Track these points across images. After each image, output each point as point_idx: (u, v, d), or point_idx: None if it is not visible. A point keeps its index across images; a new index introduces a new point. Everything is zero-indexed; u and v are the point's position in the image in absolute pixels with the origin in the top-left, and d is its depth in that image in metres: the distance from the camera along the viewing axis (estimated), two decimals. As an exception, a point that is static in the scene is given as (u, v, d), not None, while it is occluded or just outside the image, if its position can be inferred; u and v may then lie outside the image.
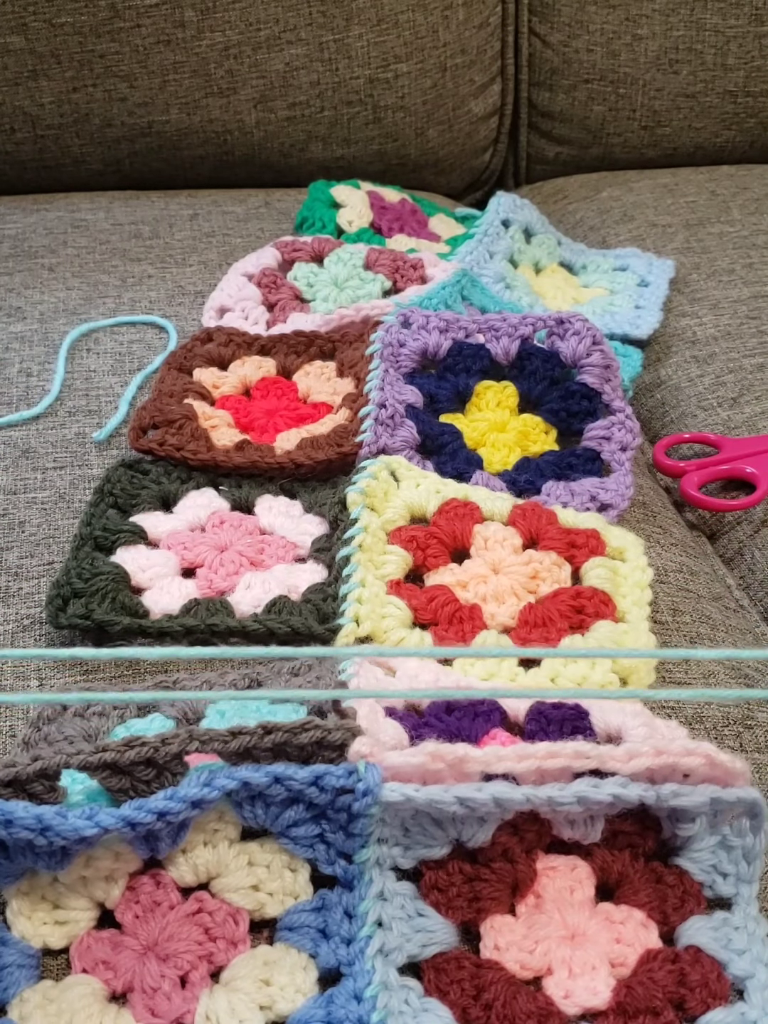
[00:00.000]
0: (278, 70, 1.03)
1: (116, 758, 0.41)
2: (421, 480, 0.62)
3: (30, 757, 0.41)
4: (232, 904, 0.42)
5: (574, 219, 1.09)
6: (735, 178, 1.12)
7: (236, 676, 0.51)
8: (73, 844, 0.39)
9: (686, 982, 0.41)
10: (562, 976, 0.41)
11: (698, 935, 0.43)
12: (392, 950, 0.41)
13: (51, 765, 0.41)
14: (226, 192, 1.04)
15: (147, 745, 0.41)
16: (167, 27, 0.99)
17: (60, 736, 0.48)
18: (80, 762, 0.41)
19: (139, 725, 0.48)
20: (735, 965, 0.42)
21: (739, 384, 0.83)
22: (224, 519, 0.61)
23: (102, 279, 0.87)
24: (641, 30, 1.11)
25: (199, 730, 0.42)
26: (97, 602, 0.55)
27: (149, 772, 0.42)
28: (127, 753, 0.41)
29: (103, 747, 0.41)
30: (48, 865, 0.40)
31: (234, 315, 0.80)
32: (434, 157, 1.14)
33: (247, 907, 0.42)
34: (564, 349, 0.68)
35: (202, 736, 0.42)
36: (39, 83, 1.00)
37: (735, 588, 0.72)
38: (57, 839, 0.39)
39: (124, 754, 0.41)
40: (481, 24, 1.09)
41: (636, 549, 0.60)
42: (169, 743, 0.42)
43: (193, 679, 0.51)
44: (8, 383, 0.75)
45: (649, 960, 0.42)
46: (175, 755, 0.42)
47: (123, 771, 0.42)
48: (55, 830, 0.39)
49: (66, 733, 0.48)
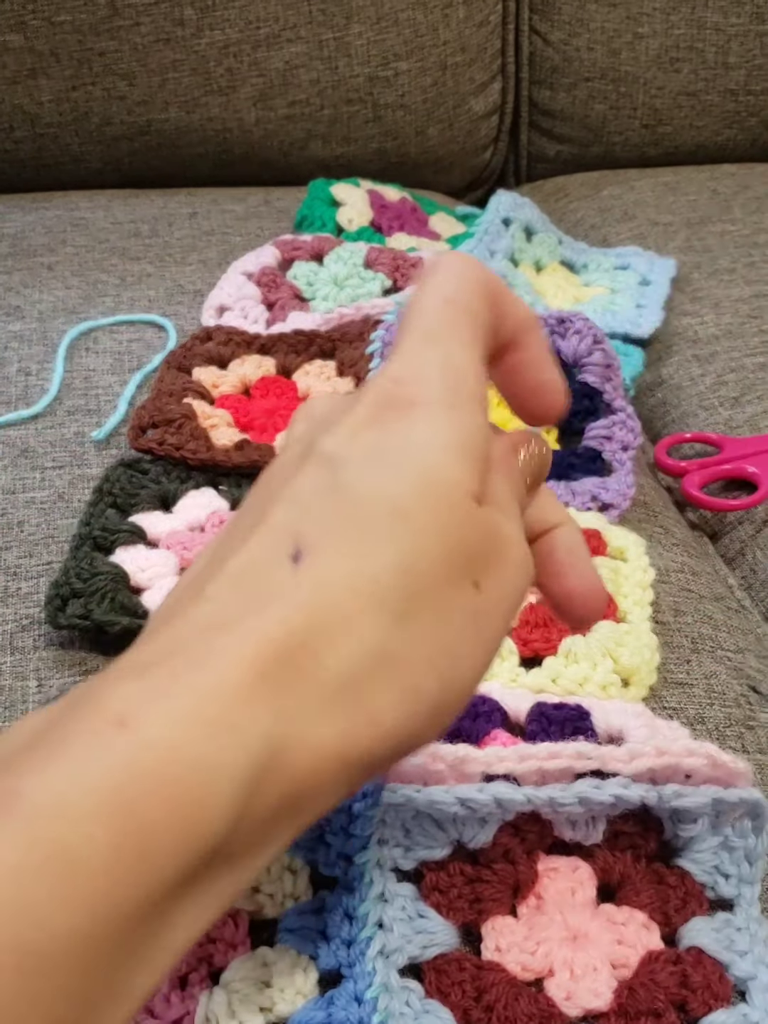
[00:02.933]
0: (278, 68, 1.03)
1: None
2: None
3: None
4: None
5: (575, 218, 1.09)
6: (737, 177, 1.12)
7: None
8: None
9: (688, 983, 0.41)
10: (564, 977, 0.41)
11: (700, 936, 0.43)
12: (393, 951, 0.41)
13: None
14: (225, 190, 1.04)
15: None
16: (166, 25, 0.99)
17: None
18: None
19: None
20: (737, 967, 0.42)
21: (741, 383, 0.83)
22: (224, 519, 0.61)
23: (101, 278, 0.87)
24: (642, 28, 1.11)
25: None
26: (96, 602, 0.55)
27: None
28: None
29: None
30: None
31: (233, 314, 0.79)
32: (434, 155, 1.14)
33: (247, 909, 0.42)
34: (565, 348, 0.68)
35: None
36: (38, 81, 1.00)
37: (737, 588, 0.72)
38: None
39: None
40: (481, 22, 1.09)
41: (638, 549, 0.59)
42: None
43: None
44: (7, 382, 0.75)
45: (651, 961, 0.42)
46: None
47: None
48: None
49: None
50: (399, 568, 0.28)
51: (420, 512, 0.29)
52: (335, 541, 0.29)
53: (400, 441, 0.30)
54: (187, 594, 0.30)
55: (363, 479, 0.29)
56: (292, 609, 0.27)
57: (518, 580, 0.31)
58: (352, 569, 0.28)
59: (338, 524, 0.29)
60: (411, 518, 0.29)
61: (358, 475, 0.30)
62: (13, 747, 0.26)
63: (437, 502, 0.29)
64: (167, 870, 0.24)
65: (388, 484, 0.29)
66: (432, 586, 0.29)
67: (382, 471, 0.29)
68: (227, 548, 0.31)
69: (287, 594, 0.28)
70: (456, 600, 0.29)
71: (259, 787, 0.26)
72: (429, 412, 0.30)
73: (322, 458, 0.30)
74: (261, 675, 0.26)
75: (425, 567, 0.29)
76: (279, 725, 0.26)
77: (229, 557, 0.30)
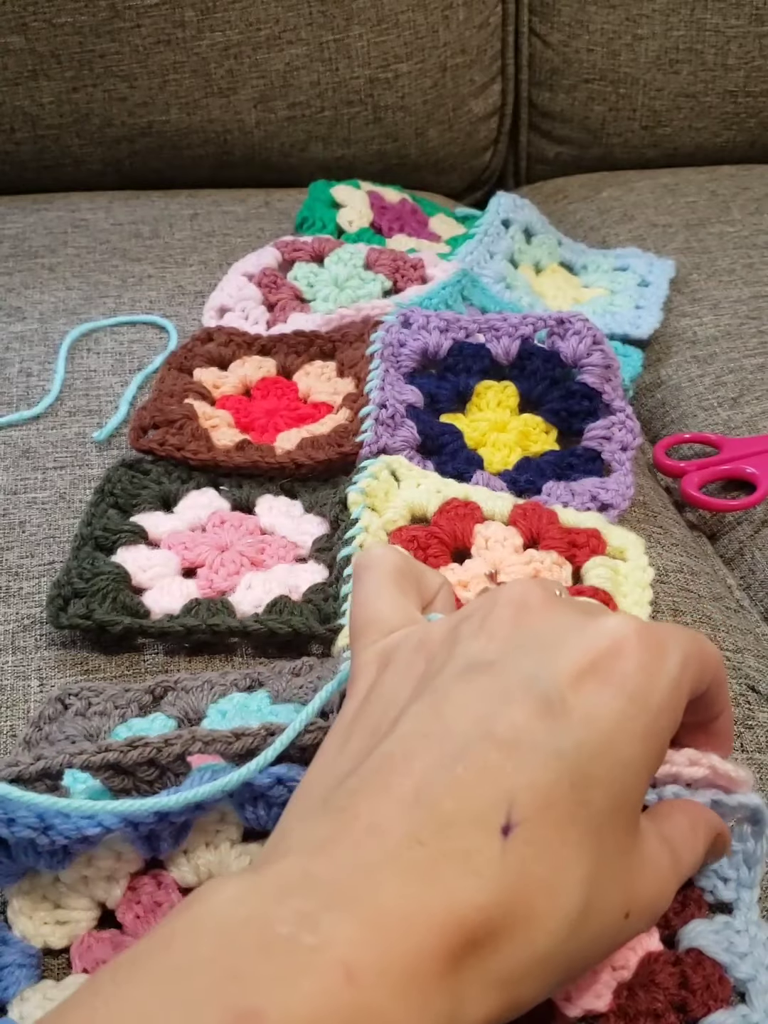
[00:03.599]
0: (278, 70, 1.03)
1: (119, 758, 0.41)
2: (422, 480, 0.62)
3: (32, 756, 0.41)
4: None
5: (574, 219, 1.09)
6: (736, 178, 1.12)
7: (237, 676, 0.51)
8: (75, 843, 0.39)
9: (688, 984, 0.41)
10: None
11: (699, 938, 0.43)
12: None
13: (54, 765, 0.41)
14: (226, 192, 1.04)
15: (150, 746, 0.41)
16: (167, 27, 0.99)
17: (62, 735, 0.48)
18: (83, 762, 0.41)
19: (140, 725, 0.48)
20: (737, 968, 0.42)
21: (740, 384, 0.83)
22: (225, 519, 0.61)
23: (102, 279, 0.87)
24: (641, 30, 1.11)
25: (202, 731, 0.42)
26: (98, 602, 0.55)
27: (152, 772, 0.42)
28: (130, 753, 0.41)
29: (106, 747, 0.41)
30: (50, 864, 0.40)
31: (234, 315, 0.80)
32: (434, 157, 1.14)
33: None
34: (565, 349, 0.68)
35: (205, 737, 0.42)
36: (39, 83, 1.00)
37: (736, 588, 0.72)
38: (59, 838, 0.39)
39: (127, 754, 0.41)
40: (481, 24, 1.09)
41: (637, 549, 0.60)
42: (172, 744, 0.41)
43: (194, 679, 0.51)
44: (8, 383, 0.75)
45: (650, 963, 0.42)
46: (178, 756, 0.42)
47: (126, 771, 0.41)
48: (57, 829, 0.39)
49: (67, 732, 0.48)
50: (587, 880, 0.30)
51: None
52: (546, 829, 0.30)
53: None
54: (385, 805, 0.30)
55: (574, 751, 0.31)
56: (491, 892, 0.28)
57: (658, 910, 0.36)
58: (553, 867, 0.29)
59: (545, 799, 0.30)
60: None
61: (569, 740, 0.31)
62: (237, 944, 0.27)
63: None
64: None
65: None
66: (603, 913, 0.31)
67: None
68: (433, 759, 0.31)
69: (491, 872, 0.29)
70: (608, 923, 0.32)
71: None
72: None
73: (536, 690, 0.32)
74: (452, 954, 0.28)
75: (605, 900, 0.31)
76: (452, 1002, 0.28)
77: (443, 796, 0.30)
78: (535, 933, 0.29)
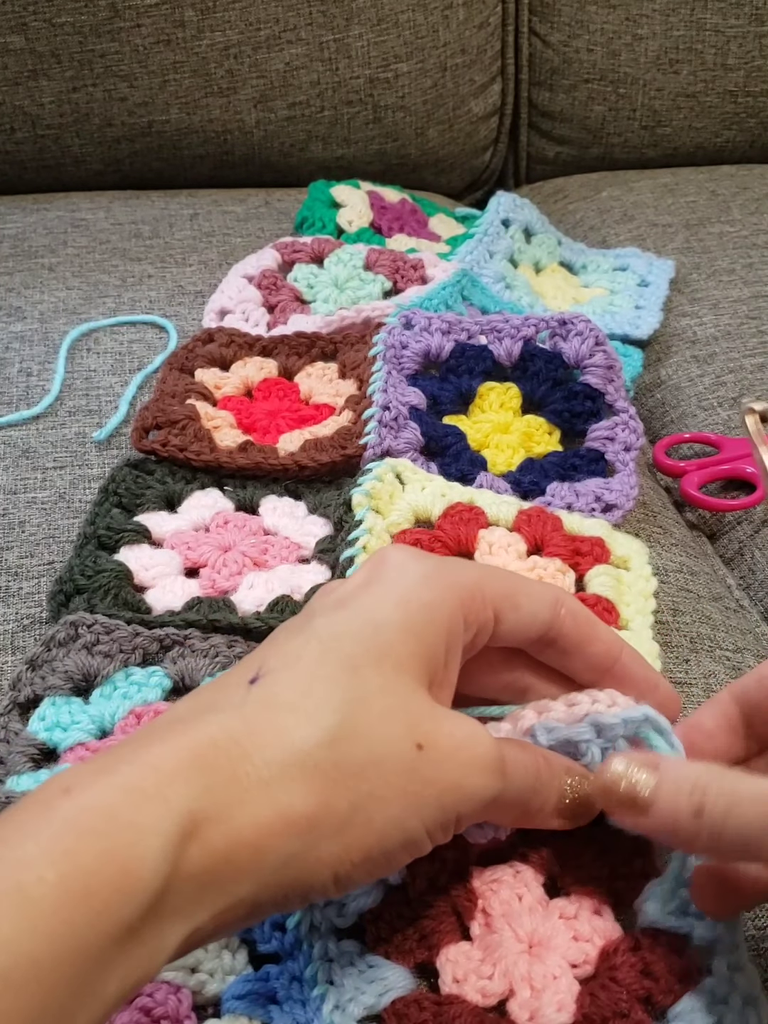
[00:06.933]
0: (278, 70, 1.03)
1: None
2: (426, 483, 0.62)
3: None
4: (172, 983, 0.40)
5: (574, 219, 1.09)
6: (735, 178, 1.12)
7: (244, 650, 0.53)
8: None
9: (650, 972, 0.40)
10: (524, 995, 0.40)
11: (653, 911, 0.41)
12: (347, 1003, 0.40)
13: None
14: (226, 192, 1.04)
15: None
16: (167, 27, 0.99)
17: (61, 668, 0.51)
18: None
19: (138, 676, 0.50)
20: (697, 934, 0.40)
21: (739, 384, 0.83)
22: (228, 519, 0.61)
23: (102, 279, 0.87)
24: (641, 30, 1.11)
25: None
26: (99, 598, 0.55)
27: None
28: None
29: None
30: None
31: (235, 317, 0.79)
32: (434, 157, 1.14)
33: (188, 986, 0.40)
34: (567, 350, 0.68)
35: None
36: (39, 83, 1.00)
37: (735, 588, 0.72)
38: None
39: None
40: (481, 24, 1.09)
41: (641, 558, 0.59)
42: None
43: (204, 639, 0.53)
44: (8, 383, 0.75)
45: (609, 956, 0.41)
46: None
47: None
48: None
49: (67, 667, 0.50)
50: (346, 701, 0.35)
51: (368, 668, 0.36)
52: (289, 670, 0.36)
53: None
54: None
55: (327, 626, 0.37)
56: (234, 716, 0.34)
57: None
58: (302, 693, 0.35)
59: (294, 657, 0.36)
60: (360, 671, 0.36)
61: (324, 622, 0.37)
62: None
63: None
64: (109, 914, 0.29)
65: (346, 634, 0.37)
66: (378, 734, 0.35)
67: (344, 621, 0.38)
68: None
69: (234, 706, 0.35)
70: (391, 748, 0.35)
71: (184, 851, 0.31)
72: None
73: (306, 609, 0.40)
74: (194, 760, 0.32)
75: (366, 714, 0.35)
76: (202, 801, 0.31)
77: (229, 677, 0.37)
78: (290, 736, 0.34)
